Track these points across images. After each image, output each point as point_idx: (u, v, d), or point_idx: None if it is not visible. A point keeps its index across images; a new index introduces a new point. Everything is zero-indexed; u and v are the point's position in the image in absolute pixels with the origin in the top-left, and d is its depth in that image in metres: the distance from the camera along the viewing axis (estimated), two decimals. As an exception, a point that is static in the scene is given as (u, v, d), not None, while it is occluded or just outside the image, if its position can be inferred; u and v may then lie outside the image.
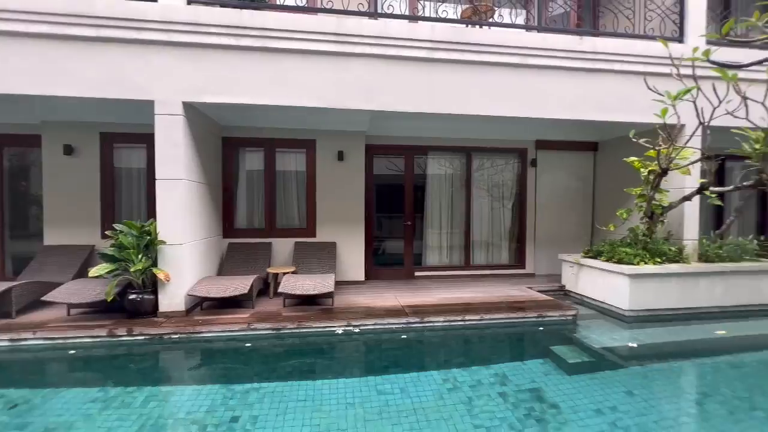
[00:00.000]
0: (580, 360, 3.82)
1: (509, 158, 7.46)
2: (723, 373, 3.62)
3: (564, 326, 4.72)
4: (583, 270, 5.66)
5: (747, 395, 3.16)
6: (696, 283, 5.01)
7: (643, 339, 4.40)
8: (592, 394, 3.15)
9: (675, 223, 5.46)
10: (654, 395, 3.17)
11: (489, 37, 4.95)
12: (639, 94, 4.68)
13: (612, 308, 5.10)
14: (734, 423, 2.76)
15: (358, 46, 4.67)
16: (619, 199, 6.23)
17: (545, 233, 7.37)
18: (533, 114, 5.10)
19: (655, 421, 2.76)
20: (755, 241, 5.51)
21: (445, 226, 7.28)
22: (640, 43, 5.21)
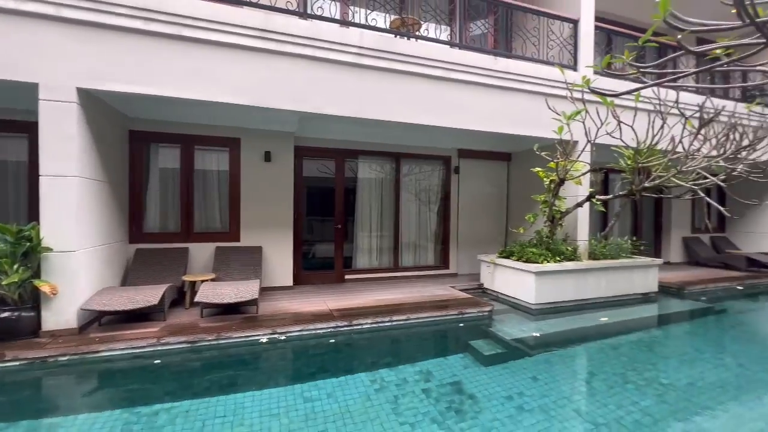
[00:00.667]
0: (495, 352, 4.19)
1: (435, 165, 7.89)
2: (605, 354, 4.26)
3: (481, 321, 5.13)
4: (498, 269, 6.22)
5: (622, 371, 3.76)
6: (586, 277, 5.84)
7: (546, 329, 4.98)
8: (504, 382, 3.48)
9: (571, 226, 6.30)
10: (553, 378, 3.60)
11: (415, 49, 5.20)
12: (543, 112, 5.33)
13: (521, 303, 5.69)
14: (611, 396, 3.27)
15: (287, 45, 4.55)
16: (528, 204, 6.98)
17: (466, 235, 7.93)
18: (455, 125, 5.47)
19: (553, 401, 3.14)
20: (629, 241, 6.61)
21: (375, 229, 7.42)
22: (544, 67, 5.93)
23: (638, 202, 9.59)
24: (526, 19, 6.48)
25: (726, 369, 3.85)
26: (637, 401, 3.16)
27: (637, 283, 6.30)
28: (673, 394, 3.28)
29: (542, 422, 2.82)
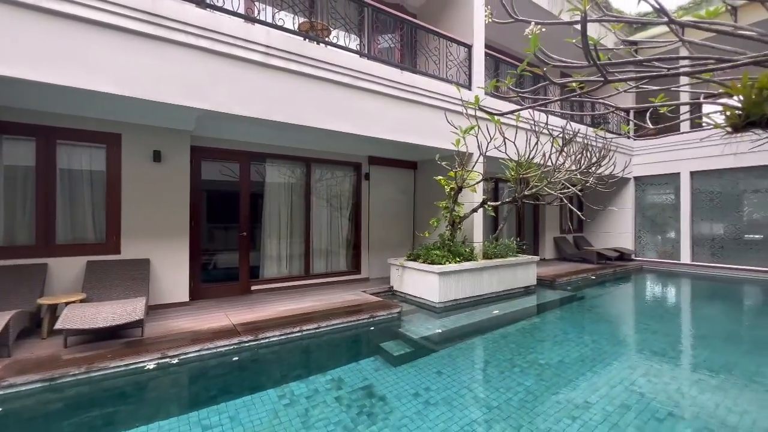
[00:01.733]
0: (404, 351, 4.38)
1: (347, 171, 7.96)
2: (497, 342, 4.79)
3: (391, 323, 5.31)
4: (406, 271, 6.54)
5: (510, 357, 4.29)
6: (481, 275, 6.52)
7: (449, 325, 5.39)
8: (412, 380, 3.65)
9: (468, 229, 6.98)
10: (455, 371, 3.91)
11: (326, 54, 5.20)
12: (443, 125, 5.81)
13: (427, 302, 6.07)
14: (502, 380, 3.69)
15: (179, 34, 4.10)
16: (432, 210, 7.51)
17: (377, 240, 8.16)
18: (364, 132, 5.61)
19: (455, 392, 3.41)
20: (515, 241, 7.61)
21: (285, 236, 7.14)
22: (444, 84, 6.49)
23: (521, 208, 11.11)
24: (429, 39, 7.02)
25: (584, 345, 4.67)
26: (522, 382, 3.63)
27: (521, 278, 7.28)
28: (548, 372, 3.86)
29: (446, 413, 3.04)
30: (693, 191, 10.79)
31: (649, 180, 11.80)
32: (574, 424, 2.89)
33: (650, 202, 11.86)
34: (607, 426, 2.86)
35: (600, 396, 3.33)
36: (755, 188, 9.82)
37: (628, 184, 11.97)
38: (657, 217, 11.64)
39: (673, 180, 11.20)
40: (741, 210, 10.05)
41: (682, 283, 9.15)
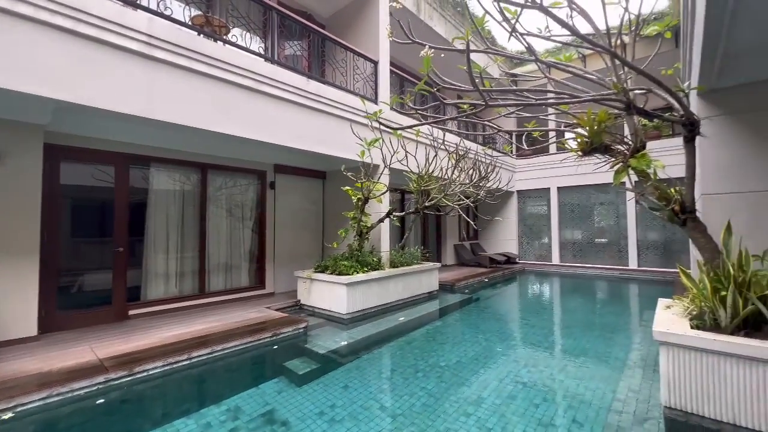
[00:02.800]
0: (309, 369, 4.19)
1: (249, 179, 7.44)
2: (402, 349, 4.92)
3: (297, 339, 5.06)
4: (314, 284, 6.35)
5: (414, 362, 4.44)
6: (388, 283, 6.69)
7: (356, 336, 5.37)
8: (317, 398, 3.50)
9: (376, 239, 7.13)
10: (362, 383, 3.88)
11: (225, 54, 4.81)
12: (349, 137, 5.86)
13: (336, 314, 5.97)
14: (406, 386, 3.79)
15: (23, 5, 3.34)
16: (341, 220, 7.47)
17: (284, 252, 7.78)
18: (267, 139, 5.32)
19: (361, 405, 3.37)
20: (419, 249, 8.03)
21: (175, 250, 6.31)
22: (351, 96, 6.58)
23: (425, 218, 11.84)
24: (336, 51, 7.06)
25: (478, 344, 5.11)
26: (424, 386, 3.78)
27: (425, 284, 7.69)
28: (448, 373, 4.10)
29: (351, 429, 2.97)
30: (560, 203, 12.89)
31: (528, 193, 13.74)
32: (469, 421, 3.10)
33: (529, 212, 13.80)
34: (496, 418, 3.13)
35: (490, 391, 3.65)
36: (602, 201, 12.19)
37: (512, 197, 13.73)
38: (534, 226, 13.59)
39: (546, 194, 13.24)
40: (593, 219, 12.36)
41: (553, 281, 10.78)
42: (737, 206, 3.64)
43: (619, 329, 5.88)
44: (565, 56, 3.80)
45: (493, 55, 3.03)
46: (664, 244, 10.89)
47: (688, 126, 2.92)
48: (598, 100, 2.80)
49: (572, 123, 3.52)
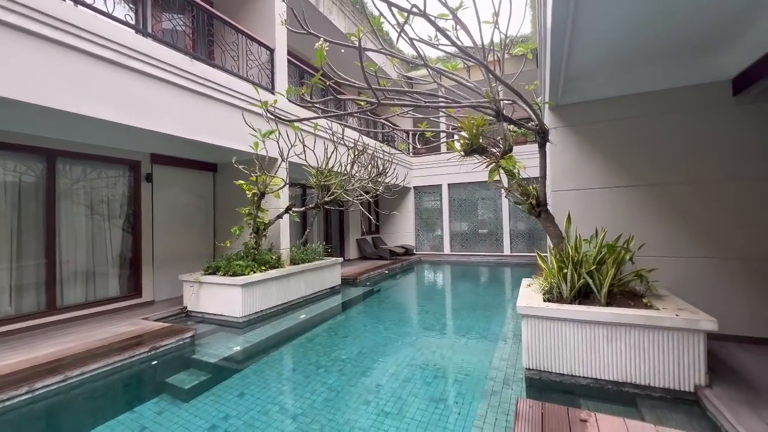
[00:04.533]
0: (198, 381, 3.81)
1: (118, 170, 6.32)
2: (303, 347, 4.83)
3: (183, 351, 4.54)
4: (204, 287, 5.76)
5: (316, 358, 4.41)
6: (289, 282, 6.48)
7: (253, 339, 5.07)
8: (208, 412, 3.20)
9: (275, 236, 6.81)
10: (261, 387, 3.69)
11: (79, 18, 3.95)
12: (242, 126, 5.44)
13: (229, 319, 5.53)
14: (307, 384, 3.74)
15: None
16: (234, 216, 6.92)
17: (166, 255, 6.85)
18: (139, 124, 4.58)
19: (259, 411, 3.21)
20: (321, 245, 7.95)
21: (7, 259, 4.99)
22: (245, 83, 6.10)
23: (328, 213, 11.78)
24: (226, 32, 6.45)
25: (378, 334, 5.34)
26: (326, 381, 3.78)
27: (327, 280, 7.67)
28: (349, 366, 4.18)
29: (246, 438, 2.81)
30: (450, 199, 14.24)
31: (423, 189, 14.81)
32: (368, 408, 3.22)
33: (425, 207, 14.91)
34: (393, 401, 3.32)
35: (388, 377, 3.85)
36: (483, 197, 13.88)
37: (409, 193, 14.63)
38: (429, 219, 14.74)
39: (438, 190, 14.46)
40: (476, 212, 14.00)
41: (444, 269, 11.88)
42: (575, 201, 4.57)
43: (495, 307, 6.80)
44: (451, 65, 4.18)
45: (389, 56, 3.16)
46: (529, 233, 12.96)
47: (540, 133, 3.53)
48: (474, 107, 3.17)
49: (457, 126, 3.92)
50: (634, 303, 3.18)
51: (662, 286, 3.88)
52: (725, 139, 4.00)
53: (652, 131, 4.33)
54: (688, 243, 4.08)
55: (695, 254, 4.04)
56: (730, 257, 3.90)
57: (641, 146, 4.37)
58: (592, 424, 2.22)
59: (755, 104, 3.83)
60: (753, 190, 3.85)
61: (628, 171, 4.40)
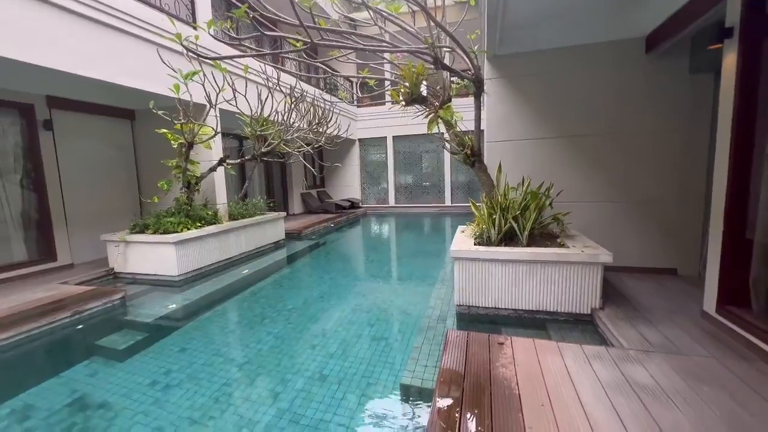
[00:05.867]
0: (134, 341, 3.67)
1: (4, 116, 5.32)
2: (248, 301, 4.82)
3: (112, 313, 4.29)
4: (132, 247, 5.35)
5: (261, 310, 4.43)
6: (228, 237, 6.24)
7: (193, 297, 4.92)
8: (147, 369, 3.14)
9: (209, 191, 6.39)
10: (204, 342, 3.66)
11: None
12: (160, 66, 4.77)
13: (164, 278, 5.26)
14: (253, 335, 3.80)
15: None
16: (161, 170, 6.30)
17: (82, 213, 6.14)
18: (20, 57, 3.80)
19: (203, 364, 3.21)
20: (262, 200, 7.65)
21: None
22: (159, 14, 5.26)
23: (269, 166, 11.23)
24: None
25: (324, 284, 5.47)
26: (272, 330, 3.86)
27: (270, 234, 7.52)
28: (295, 315, 4.28)
29: (191, 389, 2.83)
30: (395, 151, 14.26)
31: (369, 142, 14.60)
32: (314, 351, 3.38)
33: (370, 159, 14.81)
34: (338, 343, 3.52)
35: (334, 322, 4.03)
36: (427, 150, 14.10)
37: (354, 145, 14.36)
38: (374, 172, 14.75)
39: (383, 142, 14.36)
40: (420, 165, 14.26)
41: (390, 221, 12.22)
42: (507, 151, 4.85)
43: (435, 254, 7.25)
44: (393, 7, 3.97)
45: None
46: (468, 184, 13.62)
47: (476, 83, 3.60)
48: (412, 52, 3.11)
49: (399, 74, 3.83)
50: (550, 243, 3.59)
51: (575, 227, 4.40)
52: (637, 94, 4.40)
53: (576, 85, 4.63)
54: (598, 189, 4.61)
55: (604, 199, 4.59)
56: (631, 201, 4.49)
57: (566, 99, 4.67)
58: (508, 345, 2.57)
59: (664, 61, 4.22)
60: (657, 141, 4.36)
61: (554, 123, 4.72)
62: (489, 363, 2.37)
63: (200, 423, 2.48)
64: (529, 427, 1.77)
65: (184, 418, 2.53)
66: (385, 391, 2.75)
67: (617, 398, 1.99)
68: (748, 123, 2.69)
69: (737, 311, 2.69)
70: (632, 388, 2.07)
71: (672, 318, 3.06)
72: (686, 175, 4.24)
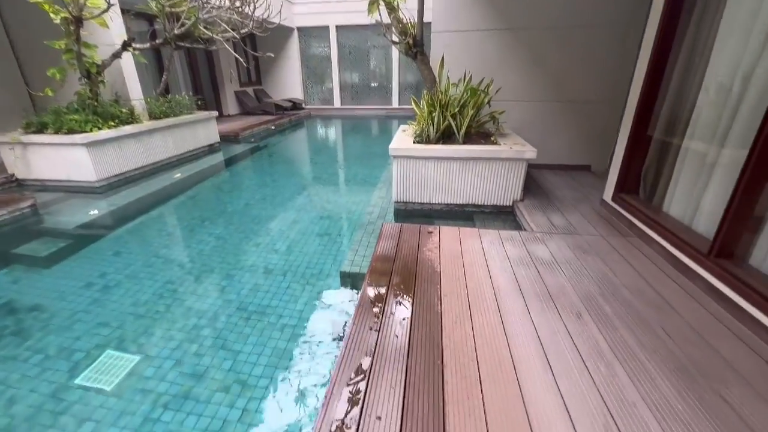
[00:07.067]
0: (57, 248, 3.48)
1: None
2: (185, 205, 4.63)
3: (24, 222, 3.94)
4: (32, 150, 4.66)
5: (200, 214, 4.32)
6: (152, 139, 5.63)
7: (120, 202, 4.60)
8: (79, 273, 3.06)
9: (118, 84, 5.48)
10: (140, 245, 3.58)
11: None
12: None
13: (81, 184, 4.78)
14: (193, 237, 3.76)
15: None
16: (50, 55, 5.17)
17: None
18: None
19: (142, 264, 3.20)
20: (188, 96, 6.77)
21: None
22: None
23: (193, 58, 9.69)
24: None
25: (267, 186, 5.36)
26: (213, 232, 3.84)
27: (202, 137, 6.91)
28: (236, 216, 4.25)
29: (132, 288, 2.86)
30: (339, 45, 12.89)
31: (309, 32, 12.92)
32: (258, 249, 3.48)
33: (312, 53, 13.32)
34: (282, 241, 3.63)
35: (278, 221, 4.09)
36: (375, 45, 12.90)
37: (292, 35, 12.67)
38: (318, 68, 13.45)
39: (326, 33, 12.80)
40: (368, 63, 13.20)
41: (335, 123, 11.71)
42: (452, 42, 4.59)
43: (379, 156, 7.27)
44: None
45: None
46: (417, 84, 13.08)
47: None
48: None
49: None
50: (484, 141, 3.73)
51: (509, 126, 4.57)
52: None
53: (528, -30, 4.28)
54: (535, 89, 4.68)
55: (539, 98, 4.70)
56: (563, 100, 4.66)
57: (517, -14, 4.35)
58: (436, 234, 2.85)
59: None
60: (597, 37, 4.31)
61: (502, 12, 4.46)
62: (417, 249, 2.63)
63: (146, 317, 2.58)
64: (444, 294, 2.09)
65: (128, 314, 2.60)
66: (327, 279, 3.00)
67: (519, 269, 2.37)
68: (672, 22, 2.76)
69: (627, 198, 3.15)
70: (532, 261, 2.47)
71: (577, 206, 3.53)
72: (619, 76, 4.38)
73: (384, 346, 1.69)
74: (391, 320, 1.87)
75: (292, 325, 2.47)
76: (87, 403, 1.92)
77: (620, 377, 1.54)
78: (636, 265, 2.44)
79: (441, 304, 1.99)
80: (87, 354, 2.23)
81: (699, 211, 2.44)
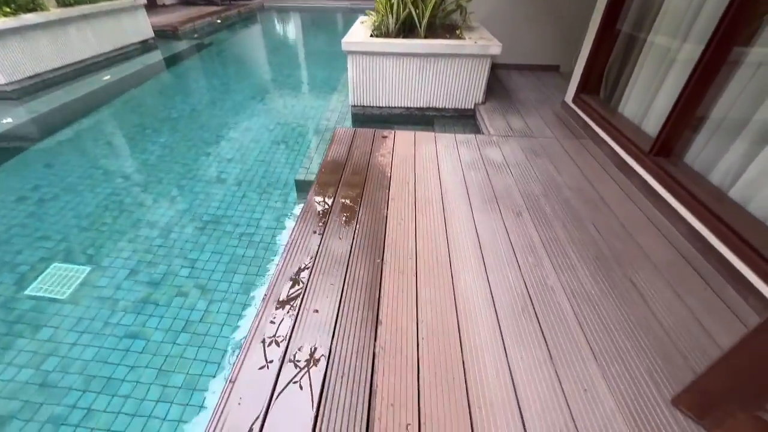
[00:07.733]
0: (-28, 161, 3.14)
1: None
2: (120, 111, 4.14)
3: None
4: None
5: (140, 121, 3.93)
6: (67, 33, 4.76)
7: (42, 108, 4.06)
8: (7, 185, 2.84)
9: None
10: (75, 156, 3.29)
11: None
12: None
13: (-9, 87, 4.13)
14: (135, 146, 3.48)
15: None
16: None
17: None
18: None
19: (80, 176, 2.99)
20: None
21: None
22: None
23: None
24: None
25: (214, 90, 4.85)
26: (156, 140, 3.55)
27: (130, 31, 5.91)
28: (182, 123, 3.90)
29: (72, 200, 2.71)
30: None
31: None
32: (209, 158, 3.29)
33: None
34: (236, 149, 3.43)
35: (229, 128, 3.81)
36: None
37: None
38: (266, -57, 11.21)
39: None
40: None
41: (293, 17, 10.30)
42: None
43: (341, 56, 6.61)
44: None
45: None
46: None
47: None
48: None
49: None
50: (449, 35, 3.40)
51: (477, 18, 4.15)
52: None
53: None
54: (510, -27, 4.15)
55: (512, -14, 4.21)
56: (537, -10, 4.20)
57: None
58: (390, 139, 2.75)
59: None
60: None
61: None
62: (370, 154, 2.55)
63: (92, 229, 2.49)
64: (392, 198, 2.10)
65: (72, 227, 2.50)
66: (283, 187, 2.93)
67: (469, 172, 2.38)
68: None
69: (587, 98, 3.09)
70: (484, 164, 2.48)
71: (538, 109, 3.45)
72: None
73: (326, 247, 1.74)
74: (335, 224, 1.89)
75: (249, 233, 2.47)
76: (41, 311, 1.94)
77: (545, 268, 1.68)
78: (581, 164, 2.51)
79: (387, 208, 2.02)
80: (32, 267, 2.18)
81: (651, 110, 2.45)
